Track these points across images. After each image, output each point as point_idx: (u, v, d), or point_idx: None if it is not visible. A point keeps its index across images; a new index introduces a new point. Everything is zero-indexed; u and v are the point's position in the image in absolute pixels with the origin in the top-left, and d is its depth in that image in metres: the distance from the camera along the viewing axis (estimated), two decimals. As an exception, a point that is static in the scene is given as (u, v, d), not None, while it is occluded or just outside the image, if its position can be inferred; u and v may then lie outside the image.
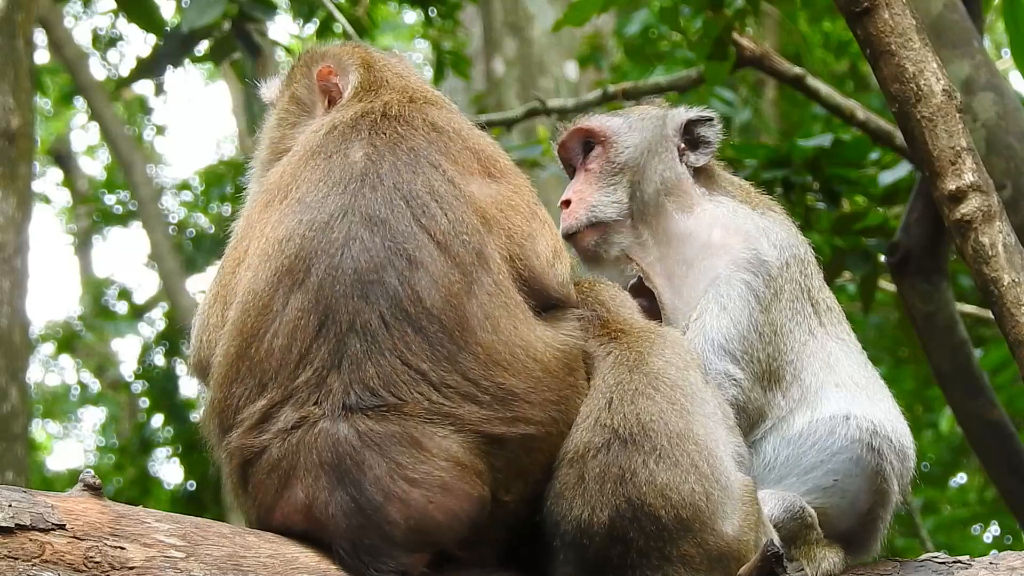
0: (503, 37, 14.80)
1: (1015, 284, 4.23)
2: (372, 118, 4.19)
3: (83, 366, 23.89)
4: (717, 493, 3.84)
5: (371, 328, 3.83)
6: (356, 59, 4.52)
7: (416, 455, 3.78)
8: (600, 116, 4.75)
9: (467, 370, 3.84)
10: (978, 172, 4.32)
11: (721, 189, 4.65)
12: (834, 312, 4.53)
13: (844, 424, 4.28)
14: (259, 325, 3.90)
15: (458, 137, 4.18)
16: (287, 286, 3.90)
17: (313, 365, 3.84)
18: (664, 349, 4.07)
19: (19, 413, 9.48)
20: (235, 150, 23.62)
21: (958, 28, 6.76)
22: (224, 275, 4.15)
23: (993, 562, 4.14)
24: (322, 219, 3.94)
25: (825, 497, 4.25)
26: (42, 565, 3.55)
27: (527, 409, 3.89)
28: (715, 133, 4.66)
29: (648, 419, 3.88)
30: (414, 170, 4.03)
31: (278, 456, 3.83)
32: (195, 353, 4.20)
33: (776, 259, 4.45)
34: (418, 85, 4.48)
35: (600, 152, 4.65)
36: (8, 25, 9.47)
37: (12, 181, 9.41)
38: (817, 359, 4.39)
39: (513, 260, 4.04)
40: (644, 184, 4.57)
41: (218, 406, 3.98)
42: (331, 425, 3.79)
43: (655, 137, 4.63)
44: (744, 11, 8.27)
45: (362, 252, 3.88)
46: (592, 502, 3.83)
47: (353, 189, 3.98)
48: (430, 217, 3.95)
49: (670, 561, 3.77)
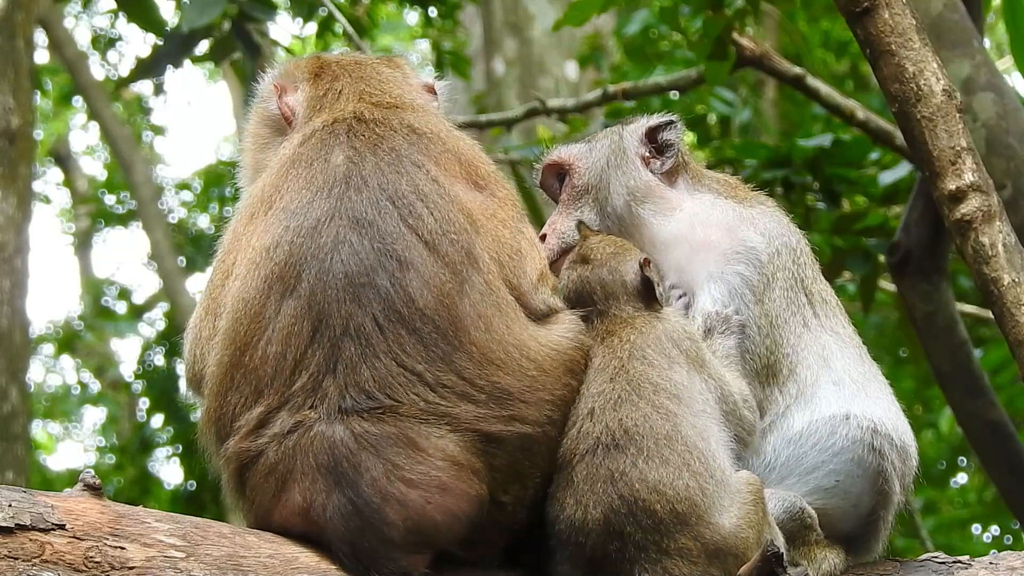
0: (503, 37, 14.80)
1: (1015, 284, 4.23)
2: (347, 123, 4.17)
3: (83, 366, 23.89)
4: (712, 487, 3.85)
5: (365, 331, 3.83)
6: (304, 72, 4.49)
7: (413, 456, 3.78)
8: (565, 146, 4.81)
9: (462, 369, 3.85)
10: (978, 172, 4.32)
11: (704, 187, 4.65)
12: (830, 304, 4.51)
13: (844, 424, 4.27)
14: (252, 333, 3.90)
15: (438, 140, 4.17)
16: (278, 293, 3.90)
17: (308, 370, 3.84)
18: (646, 350, 4.06)
19: (19, 413, 9.49)
20: (235, 150, 23.61)
21: (958, 28, 6.76)
22: (213, 288, 4.15)
23: (993, 562, 4.14)
24: (309, 224, 3.94)
25: (827, 498, 4.25)
26: (42, 565, 3.55)
27: (523, 409, 3.90)
28: (677, 135, 4.67)
29: (631, 424, 3.90)
30: (397, 170, 4.03)
31: (275, 460, 3.83)
32: (189, 368, 4.21)
33: (765, 247, 4.44)
34: (381, 88, 4.42)
35: (568, 180, 4.70)
36: (8, 25, 9.47)
37: (12, 181, 9.42)
38: (812, 352, 4.37)
39: (503, 266, 4.05)
40: (611, 198, 4.59)
41: (214, 415, 3.98)
42: (327, 428, 3.79)
43: (613, 152, 4.66)
44: (744, 11, 8.27)
45: (351, 255, 3.88)
46: (584, 502, 3.86)
47: (338, 193, 3.98)
48: (417, 217, 3.94)
49: (668, 554, 3.79)
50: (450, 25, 13.03)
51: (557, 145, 4.86)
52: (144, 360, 19.38)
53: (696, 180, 4.67)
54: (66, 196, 25.10)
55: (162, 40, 9.17)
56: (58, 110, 22.67)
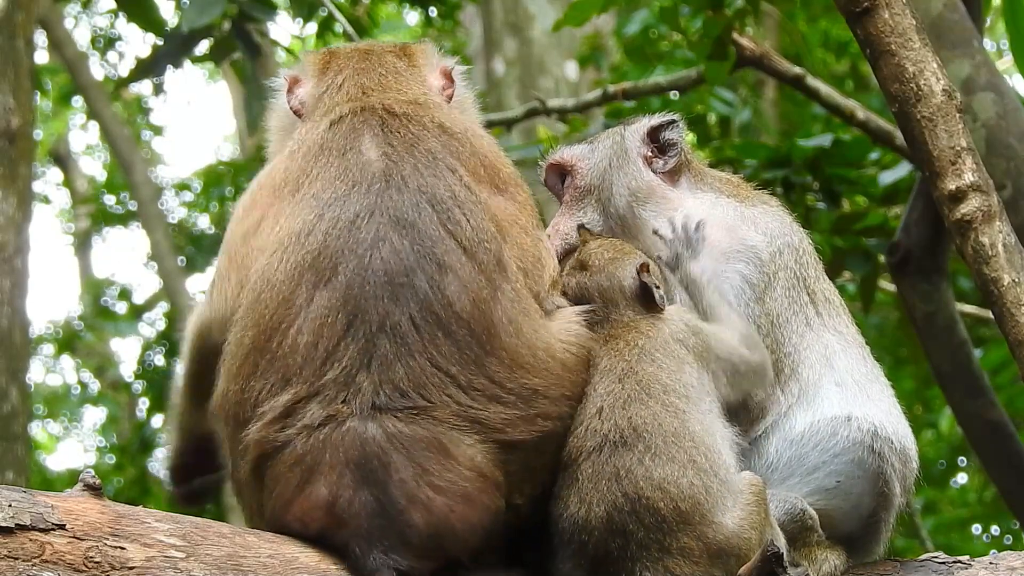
0: (503, 37, 14.80)
1: (1015, 284, 4.22)
2: (379, 115, 4.17)
3: (83, 366, 23.90)
4: (716, 486, 3.85)
5: (401, 330, 3.84)
6: (314, 66, 4.49)
7: (443, 462, 3.80)
8: (568, 147, 4.80)
9: (493, 373, 3.87)
10: (978, 172, 4.32)
11: (706, 186, 4.65)
12: (833, 303, 4.51)
13: (846, 425, 4.27)
14: (280, 319, 3.90)
15: (467, 142, 4.18)
16: (311, 282, 3.90)
17: (342, 363, 3.83)
18: (655, 353, 4.06)
19: (19, 413, 9.50)
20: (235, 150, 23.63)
21: (958, 28, 6.76)
22: (234, 242, 4.13)
23: (993, 562, 4.14)
24: (347, 217, 3.94)
25: (828, 499, 4.25)
26: (42, 565, 3.55)
27: (546, 405, 3.93)
28: (678, 134, 4.66)
29: (640, 422, 3.91)
30: (435, 174, 4.04)
31: (302, 451, 3.83)
32: (215, 310, 4.11)
33: (766, 246, 4.43)
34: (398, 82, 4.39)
35: (570, 181, 4.69)
36: (8, 25, 9.48)
37: (12, 181, 9.43)
38: (814, 352, 4.37)
39: (527, 275, 4.08)
40: (614, 199, 4.59)
41: (233, 398, 3.96)
42: (359, 424, 3.80)
43: (615, 153, 4.65)
44: (744, 11, 8.27)
45: (392, 254, 3.89)
46: (588, 499, 3.86)
47: (378, 189, 3.98)
48: (455, 223, 3.97)
49: (670, 553, 3.79)
50: (450, 25, 13.04)
51: (560, 145, 4.87)
52: (144, 360, 19.39)
53: (699, 179, 4.67)
54: (66, 196, 25.13)
55: (162, 40, 9.18)
56: (58, 110, 22.68)
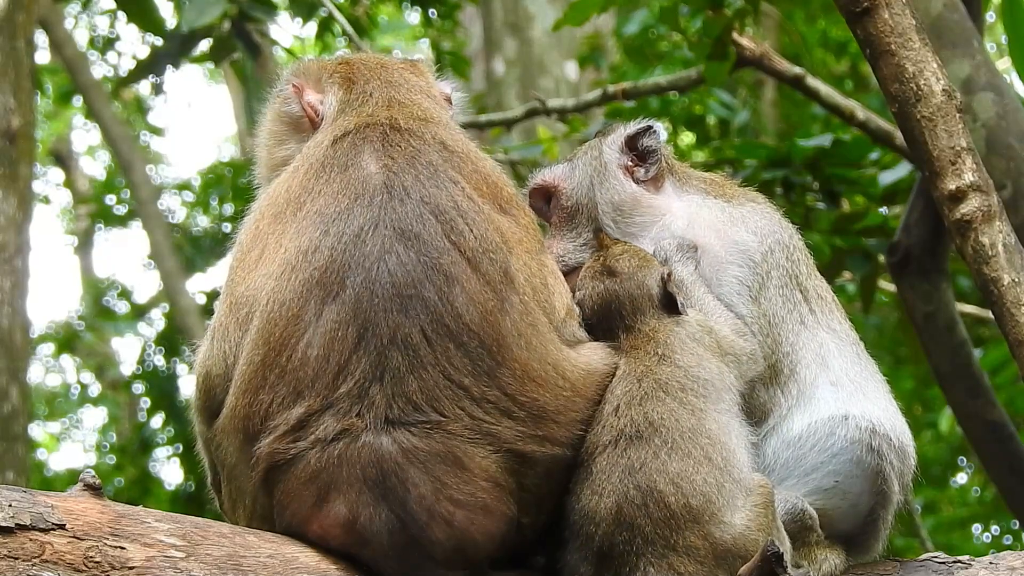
0: (503, 37, 14.80)
1: (1015, 284, 4.23)
2: (382, 130, 4.14)
3: (83, 366, 23.90)
4: (729, 485, 3.86)
5: (412, 342, 3.82)
6: (336, 77, 4.44)
7: (459, 475, 3.79)
8: (549, 168, 4.75)
9: (505, 385, 3.85)
10: (978, 172, 4.32)
11: (691, 188, 4.63)
12: (825, 300, 4.49)
13: (843, 425, 4.27)
14: (289, 335, 3.87)
15: (468, 159, 4.15)
16: (319, 297, 3.86)
17: (354, 376, 3.81)
18: (674, 355, 4.06)
19: (19, 413, 9.50)
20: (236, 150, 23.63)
21: (958, 28, 6.76)
22: (235, 285, 4.08)
23: (993, 562, 4.14)
24: (351, 231, 3.91)
25: (826, 498, 4.25)
26: (42, 565, 3.55)
27: (555, 430, 3.92)
28: (656, 140, 4.63)
29: (657, 417, 3.91)
30: (436, 184, 4.01)
31: (316, 467, 3.81)
32: (214, 364, 4.07)
33: (758, 246, 4.42)
34: (410, 98, 4.38)
35: (555, 202, 4.66)
36: (8, 25, 9.48)
37: (12, 181, 9.43)
38: (810, 351, 4.36)
39: (536, 291, 4.04)
40: (601, 216, 4.57)
41: (241, 412, 3.93)
42: (374, 439, 3.77)
43: (595, 169, 4.63)
44: (744, 11, 8.27)
45: (398, 266, 3.86)
46: (600, 490, 3.87)
47: (380, 202, 3.95)
48: (459, 233, 3.94)
49: (675, 551, 3.79)
50: (450, 25, 13.05)
51: (541, 168, 4.80)
52: (144, 360, 19.37)
53: (683, 182, 4.65)
54: (66, 196, 25.14)
55: (162, 40, 9.19)
56: (58, 110, 22.68)
